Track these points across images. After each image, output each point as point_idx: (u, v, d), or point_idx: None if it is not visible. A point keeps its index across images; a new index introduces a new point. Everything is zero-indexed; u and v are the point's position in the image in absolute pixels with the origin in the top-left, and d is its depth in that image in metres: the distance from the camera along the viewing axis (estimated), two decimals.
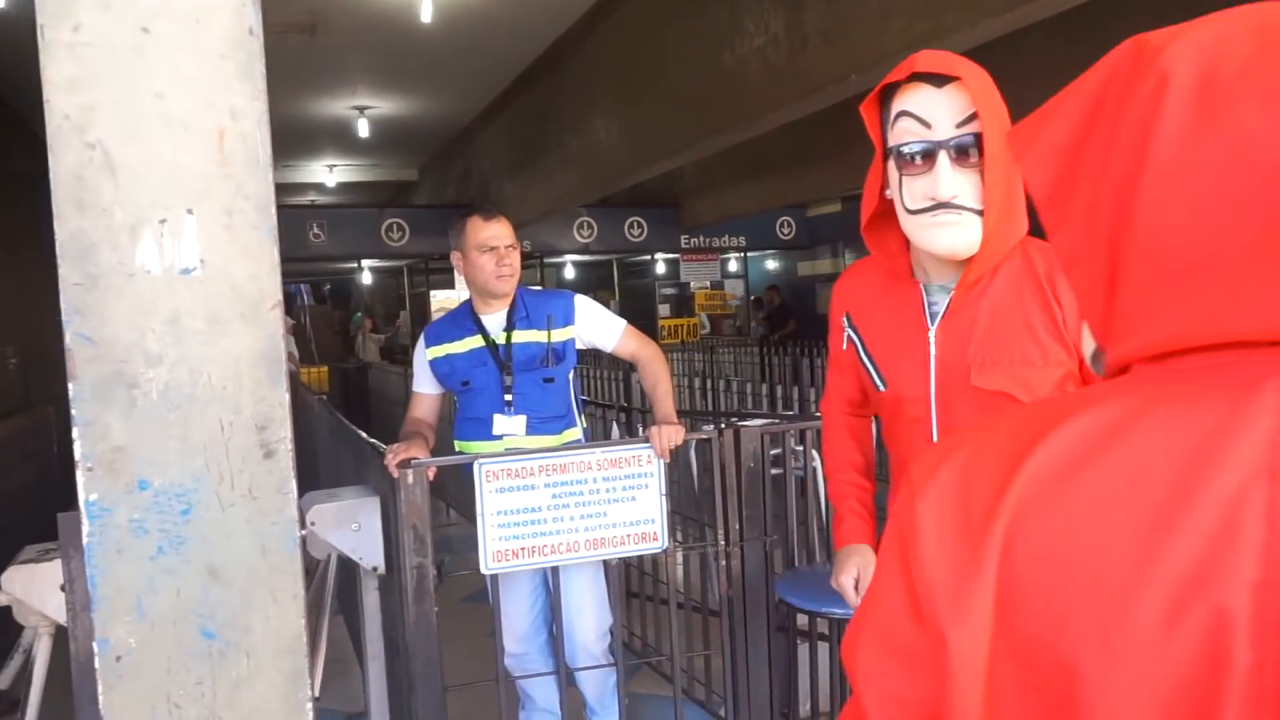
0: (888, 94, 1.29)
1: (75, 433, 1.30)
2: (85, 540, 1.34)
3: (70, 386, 1.29)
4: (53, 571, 1.70)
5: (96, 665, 1.37)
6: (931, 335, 1.34)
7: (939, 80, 1.22)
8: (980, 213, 1.23)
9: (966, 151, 1.22)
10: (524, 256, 2.47)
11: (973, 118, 1.21)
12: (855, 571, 1.50)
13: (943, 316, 1.33)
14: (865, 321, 1.45)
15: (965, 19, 3.71)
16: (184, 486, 1.35)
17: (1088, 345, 0.55)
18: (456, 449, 2.38)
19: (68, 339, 1.27)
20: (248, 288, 1.33)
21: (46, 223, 1.23)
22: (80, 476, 1.32)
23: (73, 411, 1.29)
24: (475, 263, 2.31)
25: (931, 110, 1.22)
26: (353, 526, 2.25)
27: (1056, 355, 1.25)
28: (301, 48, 7.34)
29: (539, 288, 2.51)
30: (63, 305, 1.26)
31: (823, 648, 2.71)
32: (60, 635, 1.75)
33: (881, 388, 1.41)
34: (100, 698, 1.37)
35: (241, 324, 1.34)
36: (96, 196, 1.27)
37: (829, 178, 8.75)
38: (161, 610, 1.37)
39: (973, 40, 3.86)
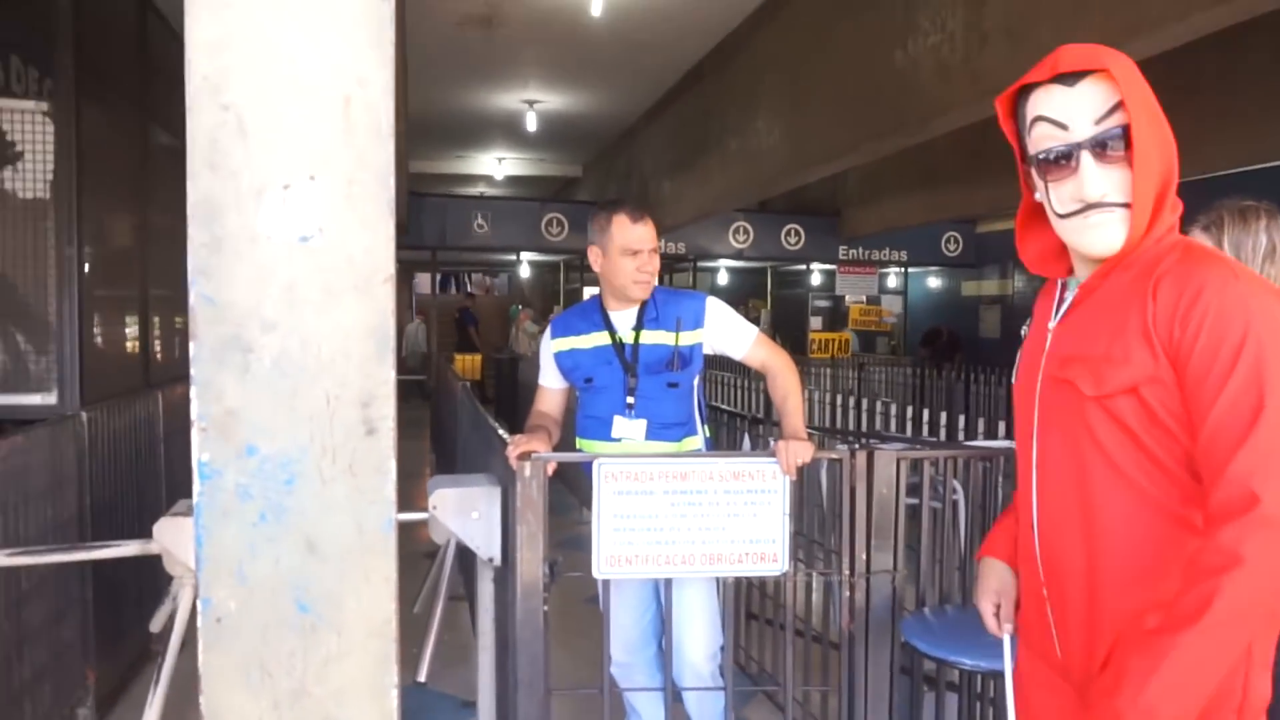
0: (1022, 95, 1.24)
1: (193, 392, 1.31)
2: (196, 499, 1.35)
3: (191, 346, 1.30)
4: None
5: (199, 624, 1.38)
6: (1050, 329, 1.30)
7: (1069, 79, 1.18)
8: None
9: (1109, 146, 1.17)
10: (677, 259, 2.38)
11: (1116, 108, 1.16)
12: (995, 598, 1.45)
13: (1065, 312, 1.29)
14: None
15: (1171, 10, 3.30)
16: (289, 456, 1.34)
17: None
18: (577, 446, 2.32)
19: (191, 299, 1.28)
20: (362, 260, 1.30)
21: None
22: (195, 436, 1.33)
23: (192, 371, 1.31)
24: (616, 263, 2.23)
25: (1067, 111, 1.18)
26: (473, 514, 2.22)
27: (1139, 356, 1.15)
28: (478, 41, 7.61)
29: (671, 287, 2.41)
30: (189, 266, 1.27)
31: (950, 698, 2.46)
32: None
33: (1012, 382, 1.41)
34: (200, 656, 1.38)
35: (354, 296, 1.31)
36: (227, 159, 1.27)
37: (1003, 191, 8.12)
38: (261, 577, 1.36)
39: (1182, 35, 3.43)
